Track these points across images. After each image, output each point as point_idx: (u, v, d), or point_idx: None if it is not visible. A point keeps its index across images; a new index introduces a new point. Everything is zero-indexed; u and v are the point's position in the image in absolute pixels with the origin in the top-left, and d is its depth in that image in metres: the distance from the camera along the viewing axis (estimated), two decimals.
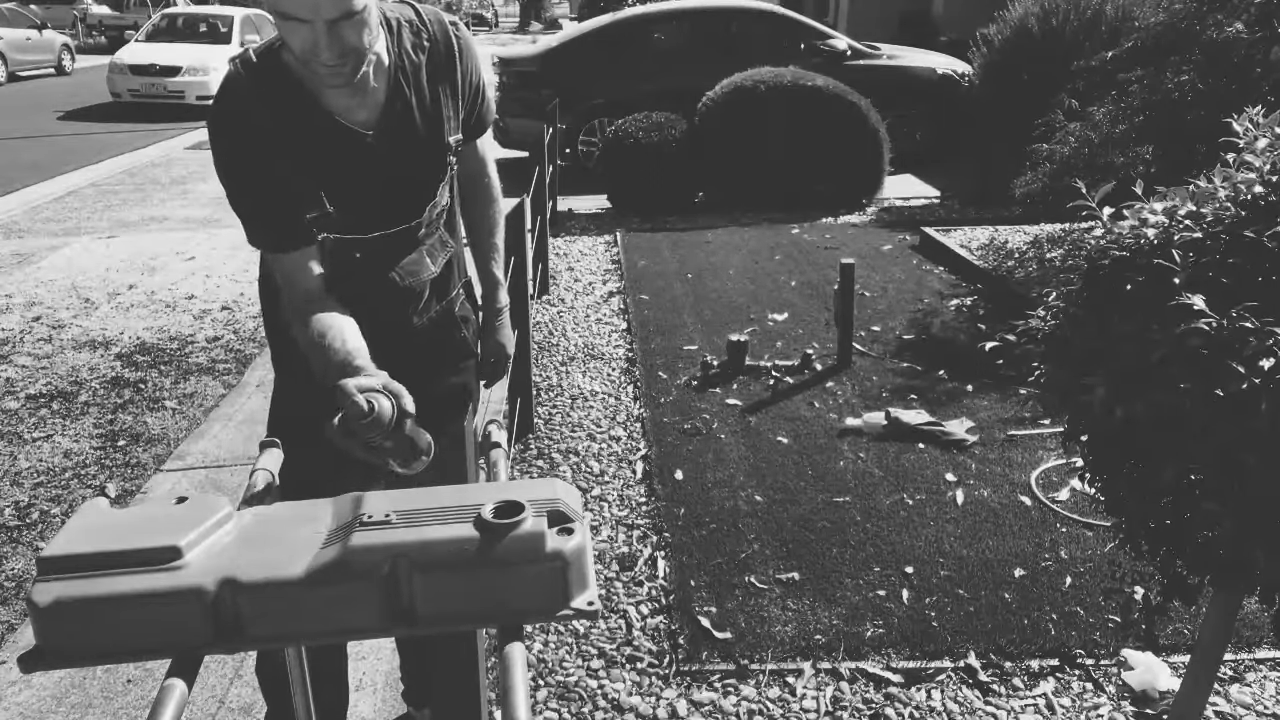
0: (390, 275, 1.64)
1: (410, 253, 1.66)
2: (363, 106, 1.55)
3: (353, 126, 1.55)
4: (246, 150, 1.52)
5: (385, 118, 1.58)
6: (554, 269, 6.24)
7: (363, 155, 1.57)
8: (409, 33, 1.62)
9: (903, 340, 4.79)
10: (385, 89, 1.57)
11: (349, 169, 1.56)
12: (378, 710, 2.38)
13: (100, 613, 0.78)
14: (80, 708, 2.40)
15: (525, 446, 3.75)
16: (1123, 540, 1.82)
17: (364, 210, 1.58)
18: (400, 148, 1.60)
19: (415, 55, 1.61)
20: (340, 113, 1.54)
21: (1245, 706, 2.31)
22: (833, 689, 2.39)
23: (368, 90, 1.55)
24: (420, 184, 1.64)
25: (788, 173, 7.71)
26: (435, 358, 1.81)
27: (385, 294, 1.66)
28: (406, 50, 1.60)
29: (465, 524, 0.84)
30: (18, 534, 3.20)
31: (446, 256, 1.73)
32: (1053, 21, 7.21)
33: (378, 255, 1.62)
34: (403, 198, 1.62)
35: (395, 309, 1.70)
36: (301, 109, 1.52)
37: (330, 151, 1.55)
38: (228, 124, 1.52)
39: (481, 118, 1.80)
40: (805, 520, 3.15)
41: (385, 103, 1.57)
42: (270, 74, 1.53)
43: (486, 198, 1.94)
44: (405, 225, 1.62)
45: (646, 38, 9.65)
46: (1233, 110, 1.93)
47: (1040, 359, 1.90)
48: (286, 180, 1.52)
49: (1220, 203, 1.68)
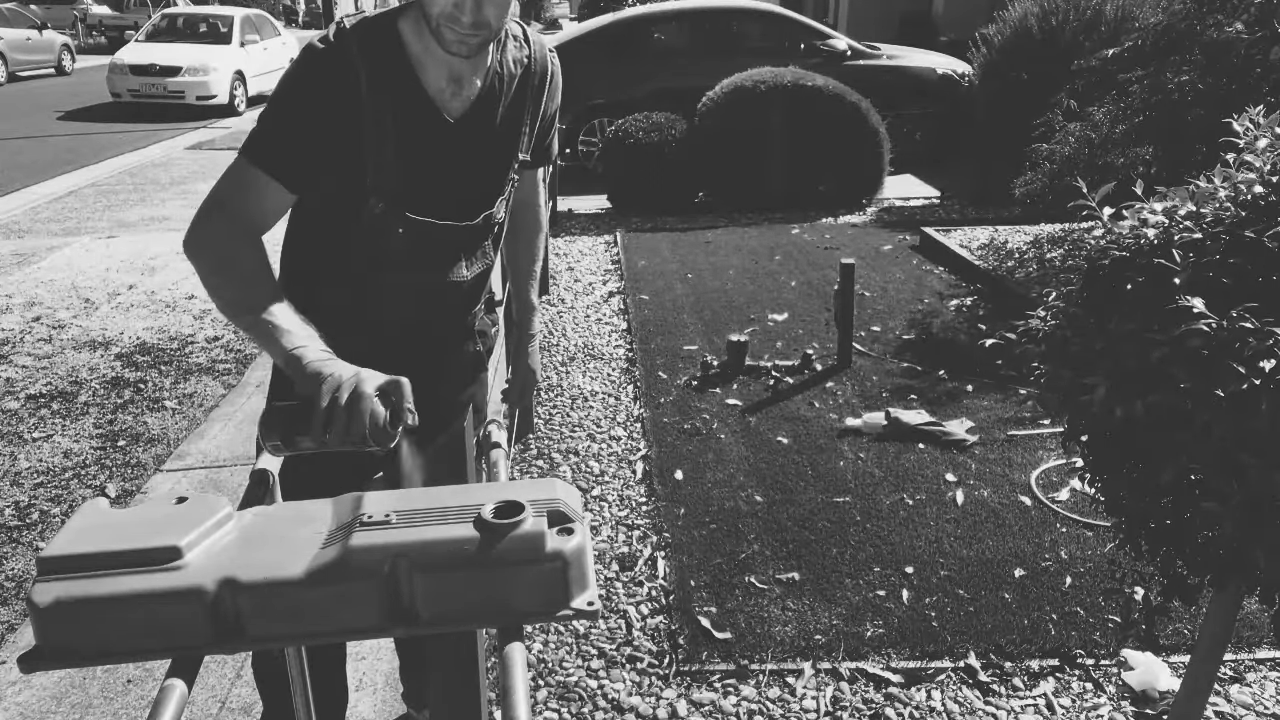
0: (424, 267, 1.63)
1: (450, 251, 1.66)
2: (457, 96, 1.58)
3: (441, 109, 1.57)
4: (327, 87, 1.50)
5: (473, 112, 1.60)
6: (554, 269, 6.24)
7: (440, 138, 1.58)
8: (513, 46, 1.66)
9: (903, 340, 4.79)
10: (481, 87, 1.60)
11: (423, 147, 1.57)
12: (378, 710, 2.38)
13: (100, 613, 0.78)
14: (80, 708, 2.40)
15: (525, 446, 3.75)
16: (1123, 540, 1.82)
17: (422, 192, 1.58)
18: (476, 146, 1.62)
19: (514, 68, 1.65)
20: (434, 93, 1.56)
21: (1245, 706, 2.31)
22: (833, 689, 2.39)
23: (466, 80, 1.57)
24: (483, 188, 1.66)
25: (788, 173, 7.71)
26: (445, 366, 1.81)
27: (413, 286, 1.65)
28: (508, 60, 1.64)
29: (465, 524, 0.84)
30: (18, 534, 3.20)
31: (481, 269, 1.72)
32: (1052, 21, 7.22)
33: (419, 241, 1.60)
34: (463, 194, 1.63)
35: (419, 307, 1.69)
36: (398, 75, 1.53)
37: (412, 124, 1.55)
38: (323, 58, 1.51)
39: (548, 148, 1.84)
40: (805, 520, 3.15)
41: (477, 99, 1.60)
42: (378, 34, 1.54)
43: (535, 226, 1.97)
44: (455, 222, 1.63)
45: (646, 38, 9.65)
46: (1233, 110, 1.93)
47: (1040, 359, 1.90)
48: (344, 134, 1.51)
49: (1220, 203, 1.68)
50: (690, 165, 7.77)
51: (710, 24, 9.68)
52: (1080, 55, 6.09)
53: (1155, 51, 5.23)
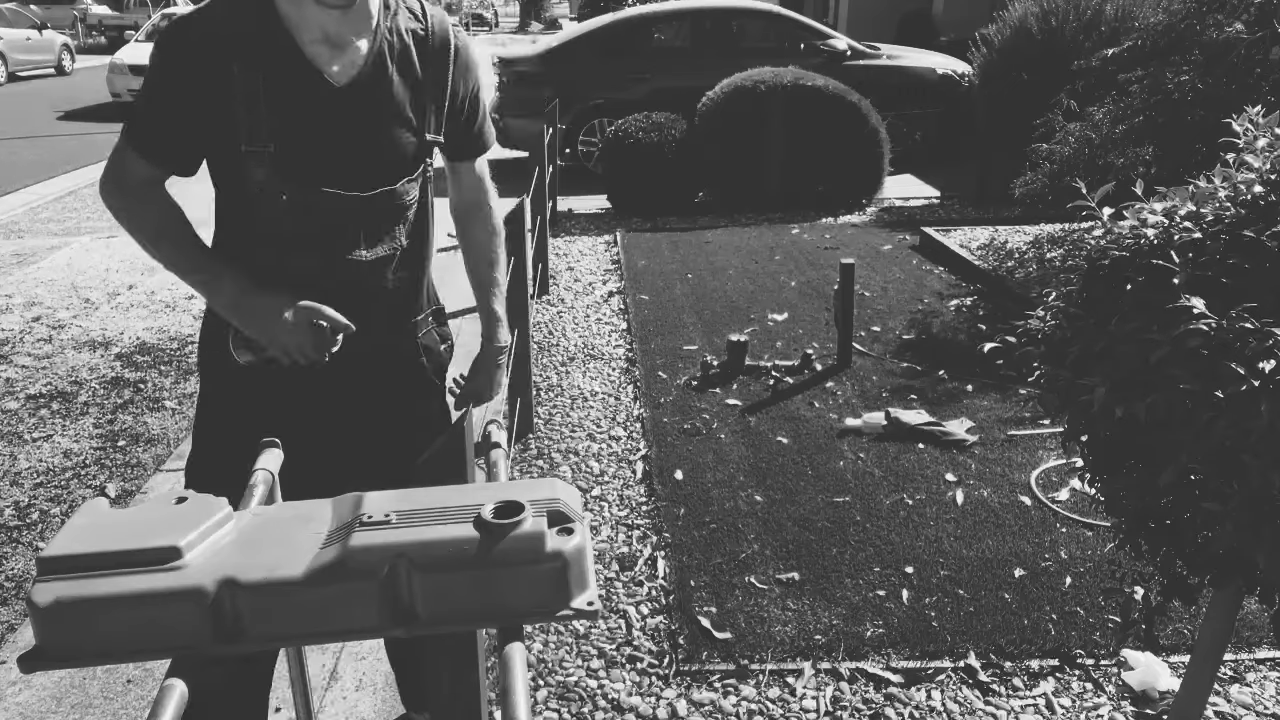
0: (316, 245, 1.59)
1: (342, 226, 1.59)
2: (338, 57, 1.54)
3: (320, 70, 1.54)
4: (192, 59, 1.49)
5: (361, 78, 1.56)
6: (554, 269, 6.24)
7: (321, 100, 1.54)
8: (406, 15, 1.63)
9: (903, 340, 4.79)
10: (368, 53, 1.56)
11: (300, 108, 1.53)
12: (378, 710, 2.38)
13: (100, 613, 0.78)
14: (80, 708, 2.40)
15: (525, 446, 3.75)
16: (1123, 540, 1.82)
17: (303, 156, 1.54)
18: (365, 113, 1.57)
19: (405, 37, 1.61)
20: (316, 60, 1.53)
21: (1245, 706, 2.31)
22: (833, 689, 2.39)
23: (345, 41, 1.54)
24: (376, 159, 1.60)
25: (788, 173, 7.71)
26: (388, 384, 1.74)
27: (313, 269, 1.61)
28: (399, 28, 1.60)
29: (465, 524, 0.84)
30: (18, 534, 3.20)
31: (387, 253, 1.65)
32: (1052, 21, 7.22)
33: (307, 212, 1.56)
34: (350, 162, 1.58)
35: (332, 300, 1.61)
36: (269, 37, 1.51)
37: (286, 86, 1.52)
38: (185, 30, 1.50)
39: (479, 137, 1.78)
40: (805, 520, 3.15)
41: (365, 65, 1.56)
42: (252, 6, 1.52)
43: (487, 229, 1.90)
44: (342, 191, 1.57)
45: (646, 38, 9.65)
46: (1233, 110, 1.93)
47: (1040, 359, 1.90)
48: (216, 102, 1.50)
49: (1220, 203, 1.68)
50: (690, 165, 7.77)
51: (710, 24, 9.68)
52: (1080, 55, 6.09)
53: (1155, 51, 5.23)
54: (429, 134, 1.65)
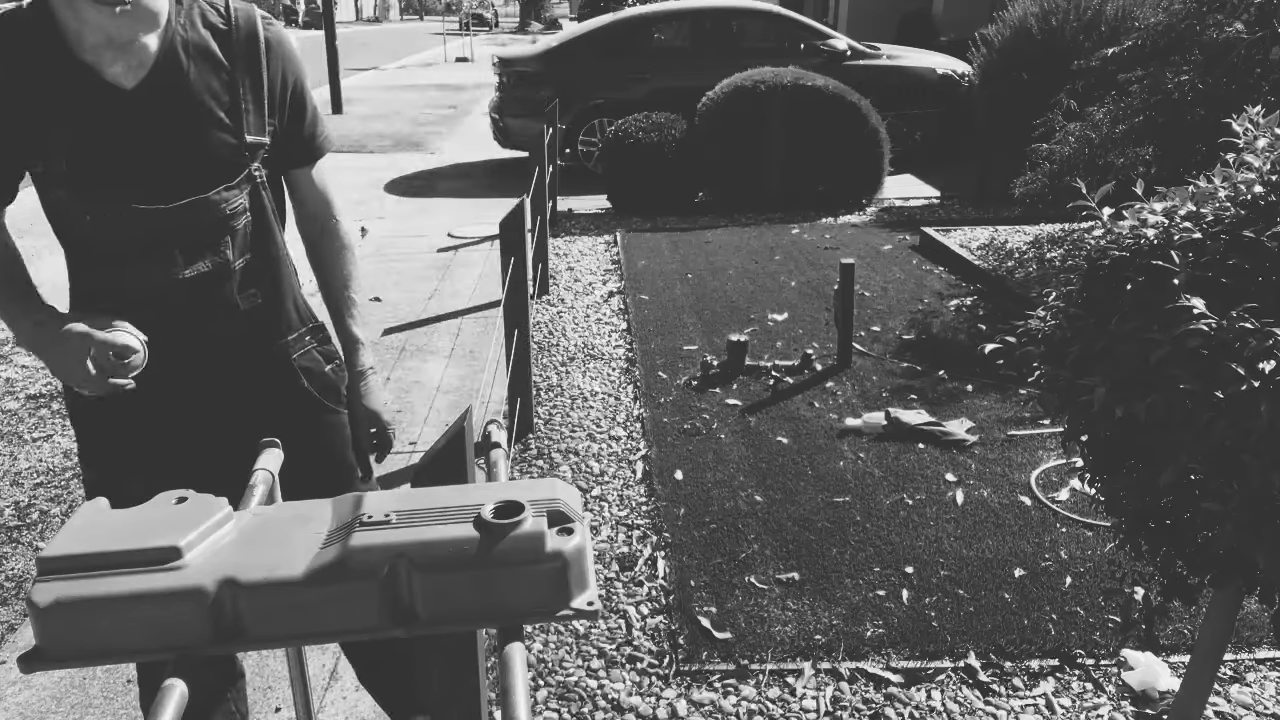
0: (132, 261, 1.49)
1: (155, 241, 1.48)
2: (123, 60, 1.43)
3: (110, 80, 1.43)
4: None
5: (153, 80, 1.45)
6: (554, 269, 6.24)
7: (109, 107, 1.44)
8: (204, 9, 1.52)
9: (903, 340, 4.80)
10: (158, 51, 1.45)
11: (89, 118, 1.43)
12: (378, 710, 2.37)
13: (100, 613, 0.78)
14: (80, 708, 2.40)
15: (525, 446, 3.75)
16: (1123, 540, 1.83)
17: (98, 169, 1.45)
18: (161, 117, 1.46)
19: (203, 31, 1.50)
20: (98, 65, 1.42)
21: (1245, 706, 2.31)
22: (833, 689, 2.39)
23: (131, 43, 1.43)
24: (181, 166, 1.48)
25: (788, 173, 7.72)
26: (269, 409, 1.63)
27: (138, 290, 1.51)
28: (195, 23, 1.50)
29: (465, 524, 0.84)
30: (18, 534, 3.20)
31: (211, 268, 1.52)
32: (1052, 21, 7.22)
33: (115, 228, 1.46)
34: (150, 171, 1.46)
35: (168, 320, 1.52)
36: (48, 49, 1.41)
37: (72, 96, 1.42)
38: None
39: (311, 139, 1.65)
40: (805, 520, 3.15)
41: (156, 65, 1.45)
42: (18, 13, 1.42)
43: (335, 244, 1.74)
44: (145, 205, 1.46)
45: (646, 38, 9.66)
46: (1233, 110, 1.93)
47: (1040, 359, 1.90)
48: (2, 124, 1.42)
49: (1220, 203, 1.68)
50: (690, 165, 7.77)
51: (710, 24, 9.69)
52: (1080, 55, 6.09)
53: (1155, 51, 5.23)
54: (249, 135, 1.52)
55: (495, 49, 11.43)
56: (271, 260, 1.61)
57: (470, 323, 5.26)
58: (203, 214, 1.49)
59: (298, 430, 1.57)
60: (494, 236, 6.57)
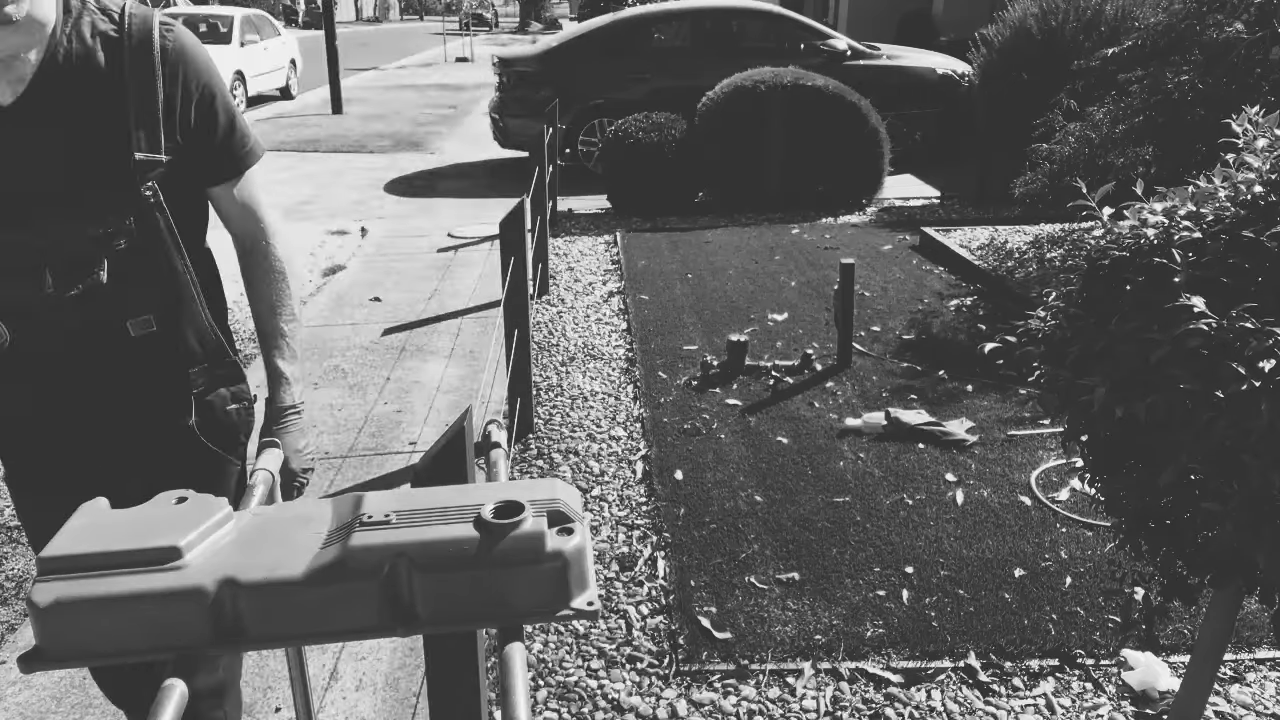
0: (6, 282, 1.41)
1: (36, 264, 1.39)
2: (4, 76, 1.36)
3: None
4: None
5: (29, 95, 1.37)
6: (554, 269, 6.24)
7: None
8: (94, 17, 1.43)
9: (903, 340, 4.80)
10: (37, 63, 1.38)
11: None
12: (377, 710, 2.38)
13: (100, 613, 0.78)
14: (80, 708, 2.40)
15: (525, 446, 3.75)
16: (1123, 540, 1.83)
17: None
18: (40, 133, 1.38)
19: (90, 42, 1.41)
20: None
21: (1245, 706, 2.31)
22: (833, 689, 2.39)
23: (15, 61, 1.36)
24: (61, 186, 1.39)
25: (788, 173, 7.72)
26: (150, 443, 1.55)
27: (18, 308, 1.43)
28: (83, 33, 1.41)
29: (465, 524, 0.84)
30: (18, 534, 3.20)
31: (86, 290, 1.42)
32: (1052, 21, 7.22)
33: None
34: (22, 191, 1.38)
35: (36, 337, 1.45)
36: None
37: None
38: None
39: (226, 153, 1.53)
40: (805, 520, 3.15)
41: (32, 80, 1.37)
42: None
43: (262, 266, 1.61)
44: (26, 227, 1.38)
45: (646, 38, 9.65)
46: (1233, 110, 1.93)
47: (1040, 359, 1.90)
48: None
49: (1220, 203, 1.68)
50: (690, 165, 7.77)
51: (710, 24, 9.69)
52: (1080, 55, 6.10)
53: (1155, 51, 5.24)
54: (138, 152, 1.41)
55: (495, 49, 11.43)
56: (167, 286, 1.49)
57: (470, 323, 5.26)
58: (70, 235, 1.40)
59: (178, 469, 1.47)
60: (494, 236, 6.57)
